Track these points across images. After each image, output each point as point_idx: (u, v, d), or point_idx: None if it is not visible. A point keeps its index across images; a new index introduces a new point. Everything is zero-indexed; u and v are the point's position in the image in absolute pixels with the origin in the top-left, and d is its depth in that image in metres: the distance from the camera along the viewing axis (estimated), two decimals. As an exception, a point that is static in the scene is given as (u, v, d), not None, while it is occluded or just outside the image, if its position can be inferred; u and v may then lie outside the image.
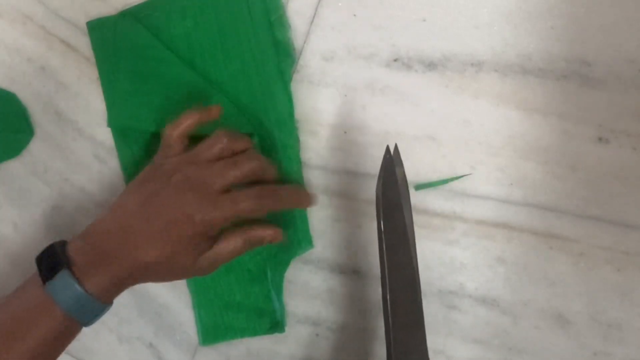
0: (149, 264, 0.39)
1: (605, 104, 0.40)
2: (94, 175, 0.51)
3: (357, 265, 0.45)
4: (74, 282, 0.38)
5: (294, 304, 0.46)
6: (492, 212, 0.42)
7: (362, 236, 0.44)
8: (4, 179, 0.53)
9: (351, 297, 0.45)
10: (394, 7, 0.43)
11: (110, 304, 0.41)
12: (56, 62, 0.51)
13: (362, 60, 0.44)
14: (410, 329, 0.36)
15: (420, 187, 0.43)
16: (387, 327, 0.36)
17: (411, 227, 0.37)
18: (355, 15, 0.44)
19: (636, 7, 0.39)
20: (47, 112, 0.51)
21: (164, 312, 0.49)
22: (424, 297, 0.43)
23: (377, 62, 0.43)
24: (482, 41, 0.41)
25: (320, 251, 0.45)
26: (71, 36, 0.50)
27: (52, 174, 0.52)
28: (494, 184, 0.42)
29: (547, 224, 0.41)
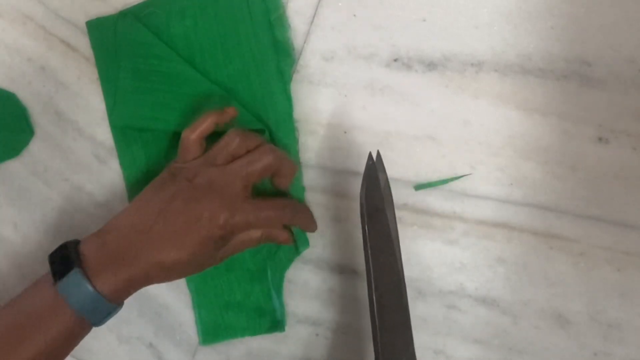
0: (166, 264, 0.39)
1: (605, 104, 0.40)
2: (94, 175, 0.51)
3: (357, 265, 0.45)
4: (86, 282, 0.38)
5: (294, 304, 0.46)
6: (492, 212, 0.42)
7: (362, 236, 0.44)
8: (4, 179, 0.53)
9: (351, 297, 0.45)
10: (394, 7, 0.43)
11: (121, 305, 0.41)
12: (56, 62, 0.51)
13: (362, 60, 0.44)
14: (397, 331, 0.36)
15: (420, 187, 0.43)
16: (374, 329, 0.36)
17: (395, 230, 0.37)
18: (355, 15, 0.44)
19: (636, 7, 0.39)
20: (47, 112, 0.51)
21: (164, 312, 0.49)
22: (424, 297, 0.43)
23: (377, 62, 0.43)
24: (482, 41, 0.41)
25: (320, 251, 0.45)
26: (71, 36, 0.50)
27: (52, 174, 0.52)
28: (494, 184, 0.42)
29: (547, 224, 0.41)
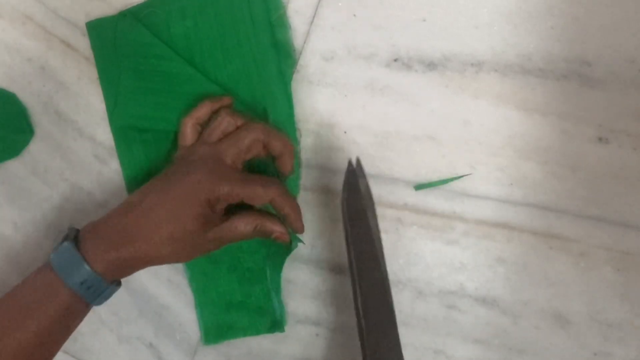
0: (154, 236, 0.39)
1: (605, 104, 0.40)
2: (94, 175, 0.51)
3: (357, 265, 0.45)
4: (76, 253, 0.39)
5: (294, 304, 0.46)
6: (492, 212, 0.42)
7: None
8: (4, 179, 0.53)
9: (351, 297, 0.45)
10: (394, 7, 0.43)
11: (115, 284, 0.41)
12: (56, 62, 0.51)
13: (362, 60, 0.44)
14: (383, 330, 0.37)
15: (420, 187, 0.43)
16: (361, 329, 0.37)
17: (377, 233, 0.37)
18: (355, 15, 0.44)
19: (636, 7, 0.39)
20: (47, 112, 0.51)
21: (164, 312, 0.49)
22: (424, 297, 0.43)
23: (377, 62, 0.43)
24: (482, 41, 0.41)
25: (320, 251, 0.45)
26: (71, 36, 0.50)
27: (52, 174, 0.52)
28: (494, 184, 0.42)
29: (547, 224, 0.41)
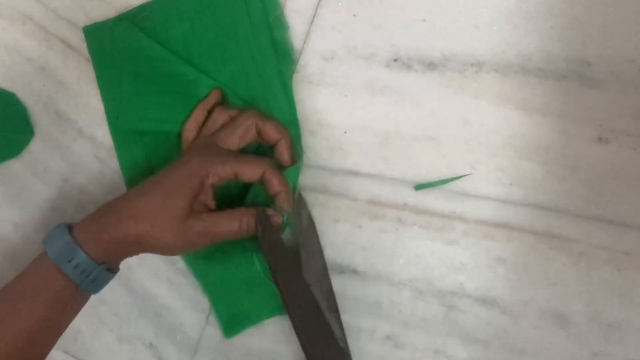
0: (147, 215, 0.40)
1: (605, 104, 0.40)
2: (94, 175, 0.51)
3: (357, 265, 0.45)
4: (67, 235, 0.39)
5: (294, 304, 0.46)
6: (492, 212, 0.42)
7: (362, 236, 0.44)
8: (4, 179, 0.53)
9: (351, 297, 0.45)
10: (394, 7, 0.43)
11: (109, 271, 0.41)
12: (56, 62, 0.51)
13: (362, 60, 0.44)
14: (323, 343, 0.41)
15: (420, 187, 0.43)
16: (302, 345, 0.40)
17: (318, 249, 0.43)
18: (355, 15, 0.44)
19: (636, 7, 0.39)
20: (47, 112, 0.51)
21: (164, 312, 0.49)
22: (424, 297, 0.43)
23: (377, 62, 0.43)
24: (482, 41, 0.41)
25: (320, 251, 0.45)
26: (71, 36, 0.50)
27: (52, 174, 0.52)
28: (494, 184, 0.42)
29: (547, 224, 0.41)
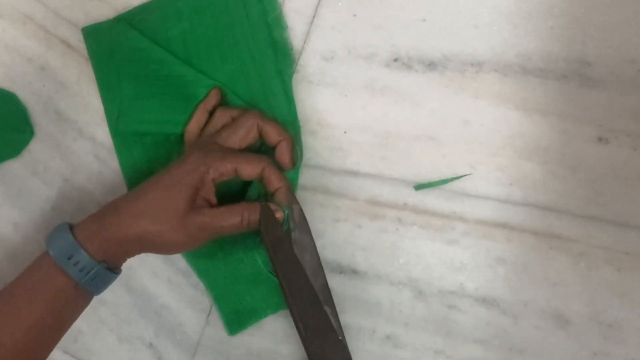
0: (147, 213, 0.40)
1: (605, 104, 0.40)
2: (94, 175, 0.51)
3: (357, 265, 0.45)
4: (68, 234, 0.39)
5: (294, 304, 0.46)
6: (492, 212, 0.42)
7: (362, 236, 0.44)
8: (4, 179, 0.53)
9: (351, 297, 0.45)
10: (394, 7, 0.43)
11: (111, 271, 0.41)
12: (56, 62, 0.51)
13: (362, 60, 0.44)
14: (323, 337, 0.41)
15: (420, 187, 0.43)
16: (303, 340, 0.41)
17: (313, 248, 0.42)
18: (355, 15, 0.44)
19: (636, 7, 0.39)
20: (47, 112, 0.51)
21: (164, 312, 0.49)
22: (424, 297, 0.43)
23: (377, 62, 0.43)
24: (482, 41, 0.41)
25: (320, 251, 0.45)
26: (71, 36, 0.50)
27: (52, 174, 0.52)
28: (494, 184, 0.42)
29: (547, 224, 0.41)
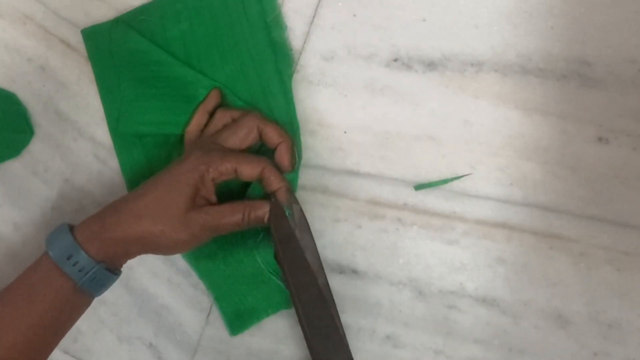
0: (147, 213, 0.40)
1: (605, 104, 0.40)
2: (94, 175, 0.51)
3: (357, 265, 0.45)
4: (69, 235, 0.39)
5: (294, 304, 0.46)
6: (492, 212, 0.42)
7: (362, 236, 0.44)
8: (4, 179, 0.53)
9: (351, 297, 0.45)
10: (394, 7, 0.43)
11: (111, 272, 0.41)
12: (56, 62, 0.51)
13: (362, 60, 0.44)
14: (327, 337, 0.41)
15: (420, 187, 0.43)
16: (306, 338, 0.41)
17: (313, 248, 0.42)
18: (355, 15, 0.44)
19: (636, 7, 0.39)
20: (47, 112, 0.51)
21: (164, 312, 0.49)
22: (424, 297, 0.43)
23: (377, 62, 0.43)
24: (482, 41, 0.41)
25: (320, 251, 0.45)
26: (71, 36, 0.50)
27: (52, 174, 0.52)
28: (494, 184, 0.42)
29: (547, 224, 0.41)
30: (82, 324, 0.51)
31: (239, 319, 0.47)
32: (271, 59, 0.45)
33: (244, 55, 0.45)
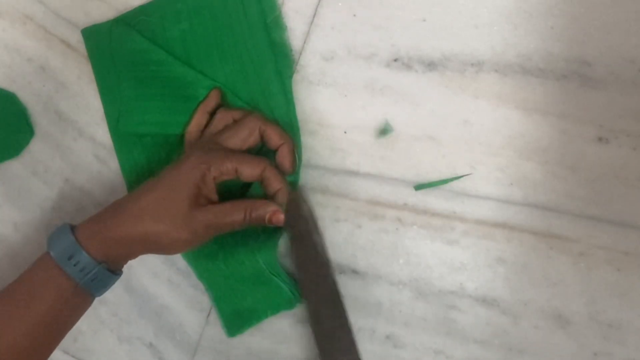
0: (148, 212, 0.40)
1: (605, 104, 0.40)
2: (94, 175, 0.51)
3: (357, 265, 0.45)
4: (69, 234, 0.39)
5: (294, 304, 0.46)
6: (492, 212, 0.42)
7: (362, 236, 0.44)
8: (4, 179, 0.53)
9: (351, 297, 0.45)
10: (394, 7, 0.43)
11: (112, 273, 0.41)
12: (56, 62, 0.51)
13: (362, 60, 0.44)
14: (336, 336, 0.41)
15: (420, 187, 0.43)
16: (315, 336, 0.41)
17: (322, 248, 0.43)
18: (355, 15, 0.44)
19: (636, 7, 0.39)
20: (47, 112, 0.51)
21: (164, 312, 0.49)
22: (424, 297, 0.43)
23: (377, 62, 0.43)
24: (482, 41, 0.41)
25: (320, 251, 0.45)
26: (71, 36, 0.50)
27: (52, 174, 0.52)
28: (494, 184, 0.42)
29: (547, 224, 0.41)
30: (82, 324, 0.51)
31: (237, 320, 0.47)
32: (271, 60, 0.45)
33: (243, 55, 0.45)
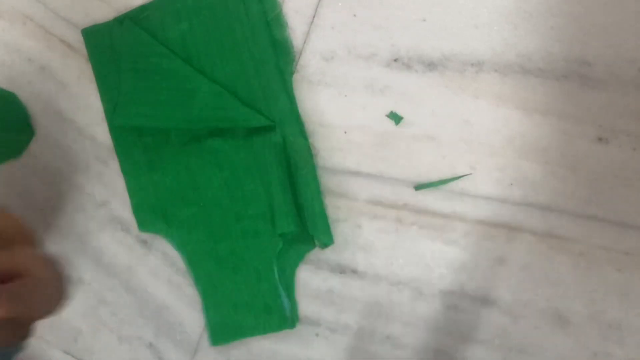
0: None
1: (605, 104, 0.40)
2: (94, 175, 0.51)
3: (357, 265, 0.45)
4: None
5: (294, 304, 0.46)
6: (492, 212, 0.42)
7: (362, 236, 0.44)
8: (4, 179, 0.53)
9: (351, 297, 0.45)
10: (394, 7, 0.43)
11: None
12: (56, 62, 0.51)
13: (362, 60, 0.44)
14: None
15: (420, 187, 0.43)
16: None
17: None
18: (355, 15, 0.44)
19: (636, 7, 0.39)
20: (47, 112, 0.51)
21: (164, 312, 0.49)
22: (424, 297, 0.43)
23: (377, 62, 0.43)
24: (482, 41, 0.41)
25: (320, 251, 0.45)
26: (71, 36, 0.50)
27: (52, 174, 0.52)
28: (494, 184, 0.42)
29: (547, 224, 0.41)
30: (82, 324, 0.51)
31: (223, 331, 0.47)
32: (272, 58, 0.45)
33: (244, 54, 0.45)
